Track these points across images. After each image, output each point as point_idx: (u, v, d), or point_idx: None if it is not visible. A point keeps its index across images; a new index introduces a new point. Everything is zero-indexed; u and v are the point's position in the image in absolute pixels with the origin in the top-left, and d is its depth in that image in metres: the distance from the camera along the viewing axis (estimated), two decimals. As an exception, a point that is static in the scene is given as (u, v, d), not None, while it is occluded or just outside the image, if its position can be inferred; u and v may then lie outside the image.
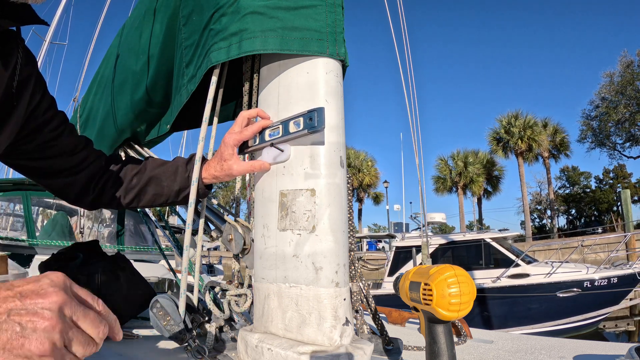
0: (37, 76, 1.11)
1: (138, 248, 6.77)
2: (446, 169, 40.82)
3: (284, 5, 1.11)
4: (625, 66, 32.35)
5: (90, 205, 1.32)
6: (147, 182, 1.31)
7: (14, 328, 0.52)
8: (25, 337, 0.52)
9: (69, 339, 0.55)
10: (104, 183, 1.30)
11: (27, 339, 0.52)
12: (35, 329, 0.53)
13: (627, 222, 19.44)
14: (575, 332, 10.26)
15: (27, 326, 0.53)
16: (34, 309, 0.54)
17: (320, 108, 1.04)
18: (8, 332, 0.52)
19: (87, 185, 1.28)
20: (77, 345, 0.56)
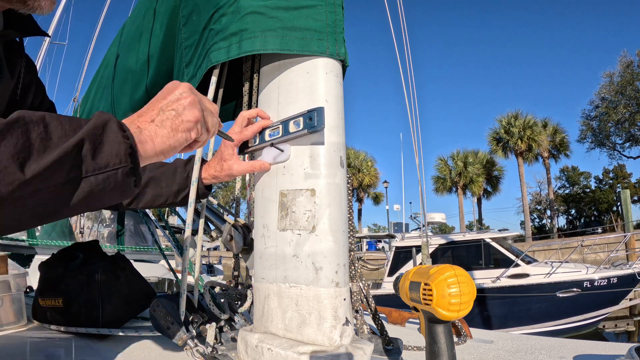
0: (38, 82, 1.16)
1: (138, 248, 6.77)
2: (446, 169, 40.84)
3: (284, 5, 1.11)
4: (625, 66, 32.37)
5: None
6: (146, 183, 1.32)
7: (170, 114, 0.76)
8: (180, 114, 0.76)
9: (203, 108, 0.81)
10: None
11: (182, 115, 0.76)
12: (184, 107, 0.77)
13: (627, 222, 19.46)
14: (575, 332, 10.26)
15: (178, 108, 0.77)
16: (175, 97, 0.78)
17: (320, 108, 1.03)
18: (169, 120, 0.75)
19: None
20: (208, 116, 0.83)
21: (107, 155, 0.63)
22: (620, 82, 32.52)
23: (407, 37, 8.95)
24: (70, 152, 0.59)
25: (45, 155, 0.57)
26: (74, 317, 1.59)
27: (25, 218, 0.59)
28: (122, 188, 0.66)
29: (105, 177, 0.63)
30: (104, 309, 1.58)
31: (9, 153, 0.54)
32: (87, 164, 0.61)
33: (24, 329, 1.78)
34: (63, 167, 0.59)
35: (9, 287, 1.83)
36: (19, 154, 0.55)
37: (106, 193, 0.65)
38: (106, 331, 1.53)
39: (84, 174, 0.61)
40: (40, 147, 0.57)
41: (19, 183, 0.54)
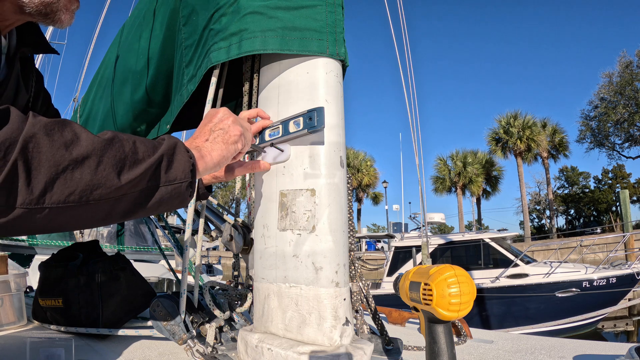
0: (44, 92, 1.24)
1: (138, 248, 6.77)
2: (445, 169, 40.83)
3: (283, 5, 1.11)
4: (624, 66, 32.38)
5: None
6: None
7: (219, 133, 0.92)
8: (227, 131, 0.93)
9: (242, 124, 0.97)
10: None
11: (229, 131, 0.93)
12: (229, 125, 0.94)
13: (626, 222, 19.46)
14: (574, 332, 10.27)
15: (224, 127, 0.94)
16: (219, 119, 0.95)
17: (320, 107, 1.04)
18: (220, 137, 0.92)
19: None
20: (246, 131, 0.99)
21: (176, 171, 0.78)
22: (619, 83, 32.52)
23: (407, 36, 8.95)
24: (152, 165, 0.73)
25: (135, 167, 0.71)
26: (74, 317, 1.59)
27: (109, 216, 0.72)
28: (183, 197, 0.81)
29: (173, 188, 0.77)
30: (104, 309, 1.58)
31: (110, 163, 0.67)
32: (162, 176, 0.76)
33: (24, 329, 1.78)
34: (146, 177, 0.73)
35: (9, 287, 1.83)
36: (117, 165, 0.68)
37: (171, 200, 0.79)
38: (106, 331, 1.53)
39: (160, 184, 0.75)
40: (131, 160, 0.71)
41: (115, 187, 0.68)
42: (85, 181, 0.65)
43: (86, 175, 0.65)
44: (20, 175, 0.59)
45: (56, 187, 0.62)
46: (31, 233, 0.70)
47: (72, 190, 0.64)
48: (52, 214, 0.63)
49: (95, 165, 0.66)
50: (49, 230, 0.69)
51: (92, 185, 0.65)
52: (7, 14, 0.92)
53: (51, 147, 0.62)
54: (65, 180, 0.63)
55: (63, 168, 0.62)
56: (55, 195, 0.62)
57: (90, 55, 7.26)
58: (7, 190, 0.58)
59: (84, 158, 0.65)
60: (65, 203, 0.63)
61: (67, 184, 0.63)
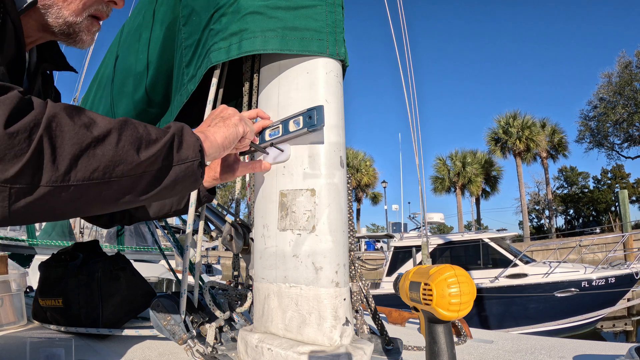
0: None
1: (138, 248, 6.77)
2: (444, 169, 40.84)
3: (284, 5, 1.11)
4: (624, 67, 32.40)
5: (105, 224, 1.40)
6: None
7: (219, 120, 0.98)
8: (227, 118, 0.99)
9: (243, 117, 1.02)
10: None
11: (228, 118, 0.99)
12: (228, 113, 1.00)
13: (625, 222, 19.47)
14: (573, 332, 10.27)
15: (224, 115, 1.00)
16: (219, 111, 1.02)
17: (319, 106, 1.04)
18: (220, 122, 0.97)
19: None
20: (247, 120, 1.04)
21: (187, 150, 0.81)
22: (618, 83, 32.54)
23: (407, 36, 8.95)
24: (166, 144, 0.77)
25: (150, 146, 0.74)
26: (74, 317, 1.59)
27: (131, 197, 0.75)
28: (195, 176, 0.84)
29: (186, 167, 0.81)
30: (104, 309, 1.58)
31: (129, 141, 0.71)
32: (175, 155, 0.79)
33: (24, 329, 1.78)
34: (161, 155, 0.76)
35: (9, 287, 1.83)
36: (135, 143, 0.72)
37: (185, 180, 0.82)
38: (106, 331, 1.53)
39: (174, 162, 0.79)
40: (146, 140, 0.74)
41: (135, 164, 0.71)
42: (108, 157, 0.67)
43: (108, 151, 0.67)
44: (46, 153, 0.61)
45: (80, 164, 0.64)
46: (53, 217, 0.70)
47: (96, 166, 0.66)
48: (76, 192, 0.65)
49: (115, 142, 0.69)
50: (71, 213, 0.71)
51: (114, 161, 0.68)
52: (31, 31, 0.95)
53: (73, 126, 0.64)
54: (88, 157, 0.65)
55: (86, 145, 0.65)
56: (80, 172, 0.64)
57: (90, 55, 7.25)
58: (34, 168, 0.60)
59: (105, 136, 0.68)
60: (90, 180, 0.65)
61: (91, 161, 0.65)
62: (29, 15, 0.91)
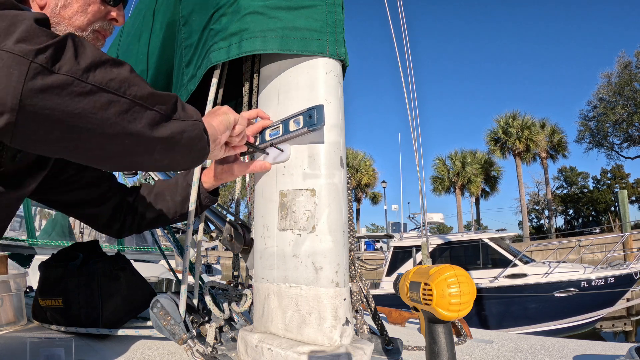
0: None
1: (138, 248, 6.76)
2: (444, 169, 40.86)
3: (284, 5, 1.11)
4: (623, 67, 32.42)
5: (116, 233, 1.41)
6: (154, 200, 1.39)
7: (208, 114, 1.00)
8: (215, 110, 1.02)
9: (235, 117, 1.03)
10: (126, 212, 1.38)
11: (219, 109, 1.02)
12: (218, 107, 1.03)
13: (624, 222, 19.48)
14: (572, 331, 10.27)
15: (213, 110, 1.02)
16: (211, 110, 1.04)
17: (320, 105, 1.04)
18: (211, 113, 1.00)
19: (113, 216, 1.37)
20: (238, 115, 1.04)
21: (191, 112, 0.85)
22: (618, 83, 32.56)
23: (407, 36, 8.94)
24: (171, 99, 0.81)
25: (162, 98, 0.78)
26: (74, 317, 1.59)
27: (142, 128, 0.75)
28: (201, 138, 0.87)
29: (192, 123, 0.84)
30: (104, 309, 1.58)
31: (139, 78, 0.75)
32: (180, 111, 0.82)
33: (24, 329, 1.78)
34: (169, 103, 0.80)
35: (9, 287, 1.83)
36: (145, 81, 0.76)
37: (192, 138, 0.85)
38: (106, 331, 1.53)
39: (179, 117, 0.82)
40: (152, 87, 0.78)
41: (147, 92, 0.75)
42: (124, 76, 0.71)
43: (124, 72, 0.72)
44: (69, 48, 0.65)
45: (99, 71, 0.68)
46: (62, 135, 0.67)
47: (113, 77, 0.70)
48: (92, 94, 0.66)
49: (130, 70, 0.74)
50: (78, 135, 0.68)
51: (130, 81, 0.72)
52: None
53: (92, 47, 0.70)
54: (106, 69, 0.69)
55: (105, 60, 0.70)
56: (98, 75, 0.68)
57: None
58: (56, 52, 0.63)
59: (120, 63, 0.73)
60: (106, 86, 0.68)
61: (108, 72, 0.69)
62: None
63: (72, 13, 1.01)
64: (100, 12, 1.06)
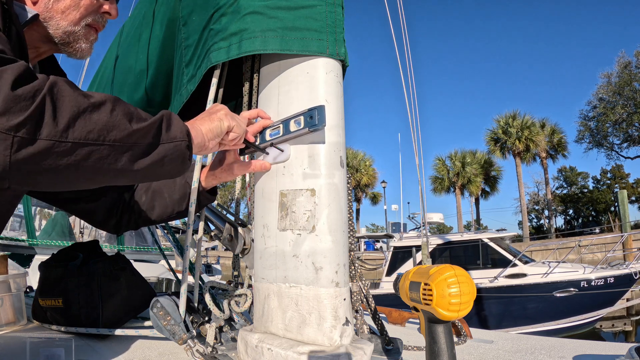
0: None
1: (138, 248, 6.76)
2: (444, 169, 40.86)
3: (283, 5, 1.11)
4: (623, 67, 32.42)
5: (113, 228, 1.41)
6: (152, 197, 1.37)
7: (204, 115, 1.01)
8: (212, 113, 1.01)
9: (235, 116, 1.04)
10: (122, 208, 1.38)
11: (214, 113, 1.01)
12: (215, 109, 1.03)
13: (624, 222, 19.48)
14: (572, 331, 10.28)
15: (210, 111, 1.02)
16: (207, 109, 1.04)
17: (320, 106, 1.04)
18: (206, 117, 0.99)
19: (110, 212, 1.37)
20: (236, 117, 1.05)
21: (175, 131, 0.86)
22: (618, 83, 32.57)
23: (407, 36, 8.94)
24: (155, 123, 0.83)
25: (141, 121, 0.80)
26: (74, 317, 1.59)
27: (123, 167, 0.79)
28: (184, 157, 0.89)
29: (175, 145, 0.86)
30: (104, 309, 1.58)
31: (122, 112, 0.77)
32: (164, 134, 0.84)
33: (24, 329, 1.78)
34: (151, 131, 0.81)
35: (9, 287, 1.83)
36: (127, 115, 0.78)
37: (174, 159, 0.87)
38: (106, 331, 1.53)
39: (162, 141, 0.84)
40: (137, 116, 0.81)
41: (128, 132, 0.77)
42: (102, 122, 0.74)
43: (103, 117, 0.74)
44: (47, 111, 0.67)
45: (77, 124, 0.70)
46: (52, 181, 0.74)
47: (91, 128, 0.72)
48: (73, 150, 0.70)
49: (110, 110, 0.76)
50: (69, 179, 0.75)
51: (108, 126, 0.74)
52: (37, 42, 1.04)
53: (72, 93, 0.72)
54: (85, 119, 0.71)
55: (83, 109, 0.72)
56: (77, 131, 0.70)
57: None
58: (36, 121, 0.66)
59: (100, 104, 0.75)
60: (85, 140, 0.71)
61: (87, 123, 0.72)
62: (33, 28, 0.99)
63: (65, 7, 1.03)
64: (92, 6, 1.07)
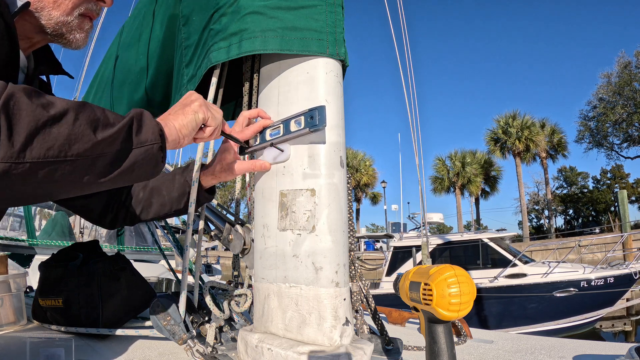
0: None
1: (138, 248, 6.76)
2: (444, 169, 40.85)
3: (284, 5, 1.11)
4: (623, 67, 32.42)
5: (109, 224, 1.39)
6: (150, 194, 1.36)
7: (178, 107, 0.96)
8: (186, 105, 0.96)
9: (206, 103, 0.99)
10: (119, 202, 1.36)
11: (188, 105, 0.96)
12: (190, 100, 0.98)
13: (624, 222, 19.48)
14: (572, 331, 10.28)
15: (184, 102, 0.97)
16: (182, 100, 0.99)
17: (321, 106, 1.04)
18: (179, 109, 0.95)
19: (106, 207, 1.35)
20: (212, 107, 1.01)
21: (146, 134, 0.82)
22: (618, 83, 32.57)
23: (407, 36, 8.94)
24: (124, 127, 0.78)
25: (108, 128, 0.75)
26: (74, 317, 1.59)
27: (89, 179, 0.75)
28: (155, 160, 0.85)
29: (146, 150, 0.81)
30: (104, 309, 1.58)
31: (86, 120, 0.72)
32: (134, 139, 0.79)
33: (24, 329, 1.78)
34: (119, 137, 0.76)
35: (9, 287, 1.83)
36: (92, 123, 0.72)
37: (145, 163, 0.82)
38: (106, 331, 1.53)
39: (133, 145, 0.79)
40: (104, 121, 0.75)
41: (92, 143, 0.71)
42: (63, 136, 0.68)
43: (64, 130, 0.68)
44: (2, 129, 0.62)
45: (36, 141, 0.65)
46: (16, 200, 0.72)
47: (51, 144, 0.67)
48: (32, 171, 0.66)
49: (72, 121, 0.70)
50: (33, 196, 0.72)
51: (70, 139, 0.69)
52: (30, 33, 0.98)
53: (30, 105, 0.65)
54: (44, 135, 0.66)
55: (42, 123, 0.66)
56: (35, 149, 0.65)
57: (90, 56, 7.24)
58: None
59: (61, 115, 0.69)
60: (45, 158, 0.66)
61: (46, 139, 0.66)
62: (25, 18, 0.94)
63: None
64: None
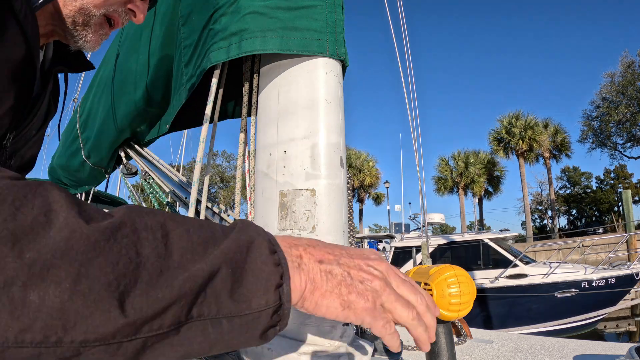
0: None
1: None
2: (447, 169, 40.83)
3: (284, 5, 1.11)
4: (626, 66, 32.39)
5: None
6: None
7: (344, 275, 0.54)
8: (353, 286, 0.53)
9: (390, 301, 0.55)
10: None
11: (355, 290, 0.53)
12: (364, 285, 0.54)
13: (628, 222, 19.44)
14: (573, 332, 10.27)
15: (357, 279, 0.54)
16: (366, 268, 0.56)
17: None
18: (338, 277, 0.53)
19: None
20: (400, 308, 0.56)
21: (249, 292, 0.45)
22: (621, 82, 32.55)
23: (407, 36, 8.93)
24: (199, 284, 0.41)
25: (159, 285, 0.38)
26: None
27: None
28: (255, 332, 0.48)
29: (243, 322, 0.45)
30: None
31: (104, 279, 0.36)
32: (219, 302, 0.43)
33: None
34: (183, 303, 0.40)
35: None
36: (119, 281, 0.36)
37: (232, 340, 0.46)
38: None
39: (210, 315, 0.42)
40: (154, 270, 0.39)
41: (115, 328, 0.36)
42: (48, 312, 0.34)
43: (51, 300, 0.34)
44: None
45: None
46: None
47: (23, 327, 0.33)
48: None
49: (72, 281, 0.35)
50: None
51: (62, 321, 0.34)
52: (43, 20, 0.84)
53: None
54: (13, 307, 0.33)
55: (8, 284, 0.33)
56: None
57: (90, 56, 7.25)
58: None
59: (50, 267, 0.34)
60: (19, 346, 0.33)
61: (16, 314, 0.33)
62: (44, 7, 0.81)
63: None
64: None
